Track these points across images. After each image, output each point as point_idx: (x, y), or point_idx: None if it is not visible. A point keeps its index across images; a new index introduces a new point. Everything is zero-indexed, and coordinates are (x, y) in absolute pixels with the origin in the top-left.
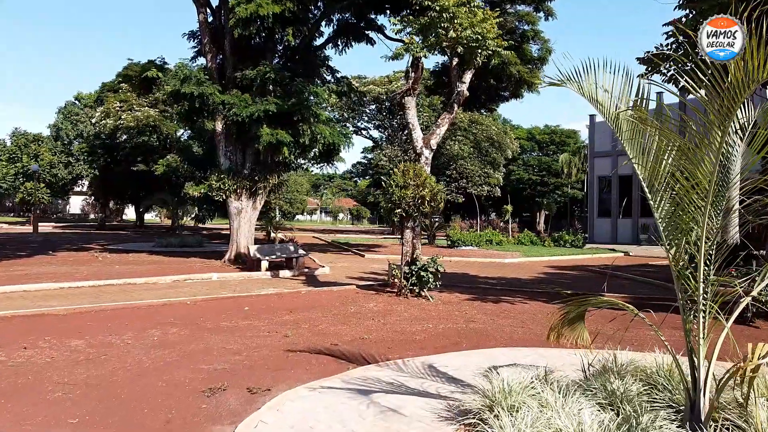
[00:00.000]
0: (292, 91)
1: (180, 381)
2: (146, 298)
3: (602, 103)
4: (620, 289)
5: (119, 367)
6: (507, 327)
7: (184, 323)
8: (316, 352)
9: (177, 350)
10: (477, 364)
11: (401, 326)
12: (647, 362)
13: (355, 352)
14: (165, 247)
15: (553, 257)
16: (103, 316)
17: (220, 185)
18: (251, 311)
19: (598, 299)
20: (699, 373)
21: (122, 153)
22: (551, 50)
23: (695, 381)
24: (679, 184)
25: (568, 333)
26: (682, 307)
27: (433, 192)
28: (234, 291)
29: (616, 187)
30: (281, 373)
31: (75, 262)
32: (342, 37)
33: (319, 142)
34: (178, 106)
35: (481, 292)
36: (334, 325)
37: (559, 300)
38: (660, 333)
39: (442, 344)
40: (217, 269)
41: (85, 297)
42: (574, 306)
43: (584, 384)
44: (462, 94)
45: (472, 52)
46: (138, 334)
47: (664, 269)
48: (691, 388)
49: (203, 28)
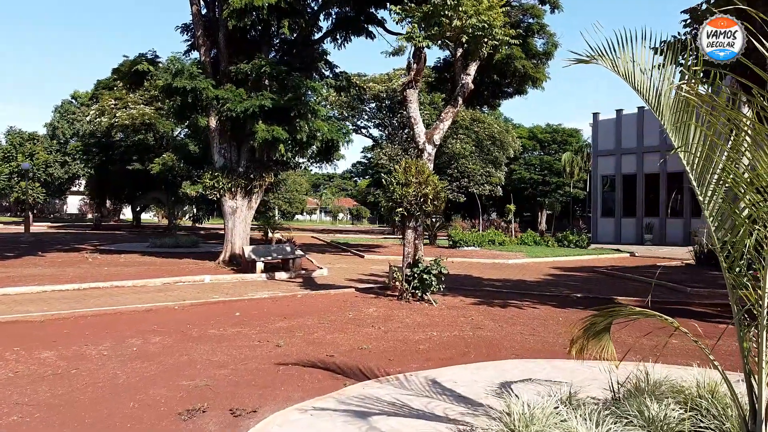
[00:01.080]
0: (288, 85)
1: (155, 401)
2: (132, 302)
3: (641, 82)
4: (632, 293)
5: (89, 384)
6: (517, 335)
7: (169, 331)
8: (309, 366)
9: (157, 363)
10: (488, 379)
11: (403, 334)
12: (685, 380)
13: (353, 365)
14: (159, 247)
15: (558, 258)
16: (82, 323)
17: (214, 184)
18: (242, 317)
19: (629, 310)
20: (759, 401)
21: (118, 152)
22: (557, 44)
23: (754, 410)
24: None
25: (592, 346)
26: (738, 322)
27: (437, 190)
28: (226, 294)
29: (619, 186)
30: (269, 391)
31: (63, 264)
32: (341, 30)
33: (317, 138)
34: (170, 102)
35: (486, 296)
36: (330, 333)
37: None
38: (707, 350)
39: (448, 355)
40: (211, 271)
41: (67, 302)
42: (603, 317)
43: (615, 407)
44: (467, 87)
45: (477, 41)
46: (116, 343)
47: (674, 270)
48: (748, 418)
49: (196, 21)
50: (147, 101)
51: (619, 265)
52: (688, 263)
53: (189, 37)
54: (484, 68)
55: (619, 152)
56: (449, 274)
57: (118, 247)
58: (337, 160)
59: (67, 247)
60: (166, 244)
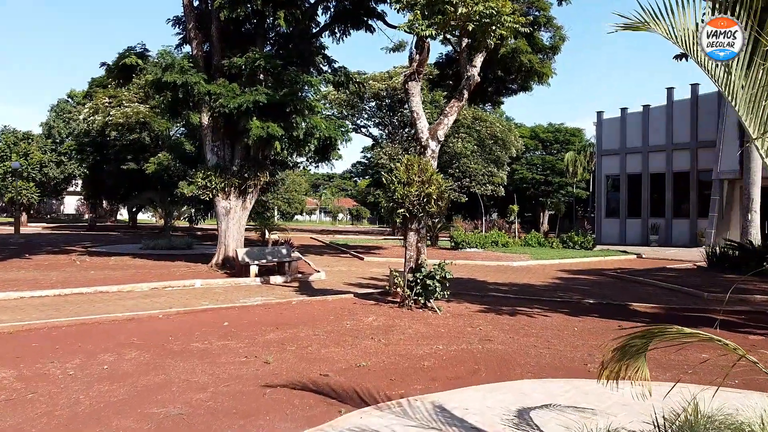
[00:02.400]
0: (284, 80)
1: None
2: (114, 310)
3: None
4: (647, 298)
5: (44, 413)
6: (531, 348)
7: (148, 344)
8: (300, 388)
9: (128, 385)
10: (503, 404)
11: (405, 347)
12: (741, 412)
13: (349, 387)
14: (152, 249)
15: (564, 260)
16: (55, 334)
17: (206, 183)
18: (231, 327)
19: (679, 331)
20: None
21: (112, 151)
22: (565, 38)
23: None
24: None
25: (627, 370)
26: None
27: (441, 190)
28: (216, 301)
29: (624, 186)
30: (252, 421)
31: (48, 267)
32: (339, 24)
33: (314, 136)
34: (161, 97)
35: (493, 302)
36: (325, 347)
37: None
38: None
39: (456, 373)
40: (202, 275)
41: (45, 309)
42: (643, 338)
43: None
44: (472, 79)
45: (484, 30)
46: (86, 360)
47: (685, 273)
48: None
49: (188, 12)
50: (142, 99)
51: (627, 267)
52: (700, 265)
53: (180, 30)
54: (489, 63)
55: (623, 151)
56: (453, 278)
57: (110, 248)
58: (335, 159)
59: (57, 249)
60: (160, 245)
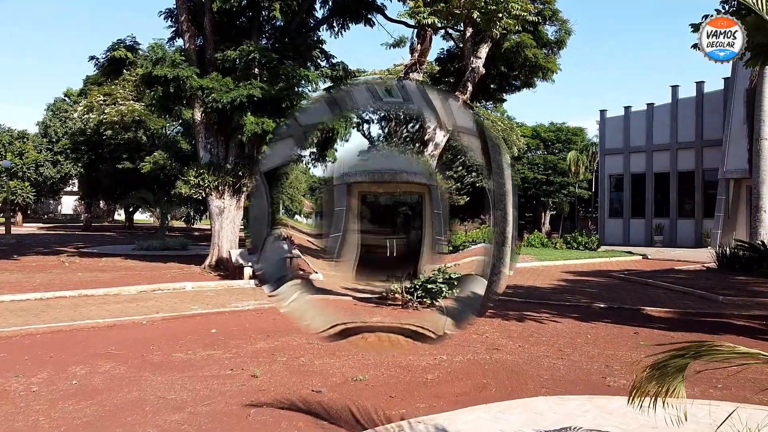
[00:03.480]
0: (280, 74)
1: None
2: (96, 315)
3: None
4: (659, 302)
5: None
6: (543, 358)
7: (126, 355)
8: (288, 407)
9: (96, 403)
10: (516, 428)
11: (406, 358)
12: None
13: (344, 406)
14: (145, 250)
15: (569, 261)
16: (27, 343)
17: (199, 181)
18: (219, 334)
19: (729, 349)
20: None
21: (107, 150)
22: (571, 32)
23: None
24: None
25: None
26: None
27: None
28: (206, 305)
29: (628, 185)
30: None
31: (35, 269)
32: (338, 17)
33: None
34: (152, 92)
35: (499, 306)
36: (319, 357)
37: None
38: None
39: (463, 389)
40: (195, 277)
41: (23, 315)
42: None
43: None
44: (477, 71)
45: (490, 18)
46: (55, 373)
47: (696, 275)
48: None
49: (180, 4)
50: (137, 97)
51: (634, 269)
52: (709, 266)
53: (173, 23)
54: (492, 59)
55: (627, 151)
56: None
57: (102, 249)
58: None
59: (47, 249)
60: (153, 246)
